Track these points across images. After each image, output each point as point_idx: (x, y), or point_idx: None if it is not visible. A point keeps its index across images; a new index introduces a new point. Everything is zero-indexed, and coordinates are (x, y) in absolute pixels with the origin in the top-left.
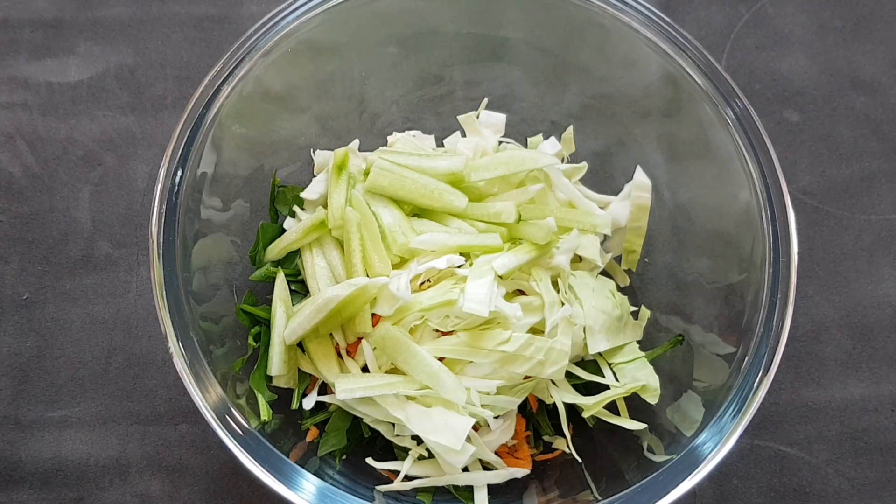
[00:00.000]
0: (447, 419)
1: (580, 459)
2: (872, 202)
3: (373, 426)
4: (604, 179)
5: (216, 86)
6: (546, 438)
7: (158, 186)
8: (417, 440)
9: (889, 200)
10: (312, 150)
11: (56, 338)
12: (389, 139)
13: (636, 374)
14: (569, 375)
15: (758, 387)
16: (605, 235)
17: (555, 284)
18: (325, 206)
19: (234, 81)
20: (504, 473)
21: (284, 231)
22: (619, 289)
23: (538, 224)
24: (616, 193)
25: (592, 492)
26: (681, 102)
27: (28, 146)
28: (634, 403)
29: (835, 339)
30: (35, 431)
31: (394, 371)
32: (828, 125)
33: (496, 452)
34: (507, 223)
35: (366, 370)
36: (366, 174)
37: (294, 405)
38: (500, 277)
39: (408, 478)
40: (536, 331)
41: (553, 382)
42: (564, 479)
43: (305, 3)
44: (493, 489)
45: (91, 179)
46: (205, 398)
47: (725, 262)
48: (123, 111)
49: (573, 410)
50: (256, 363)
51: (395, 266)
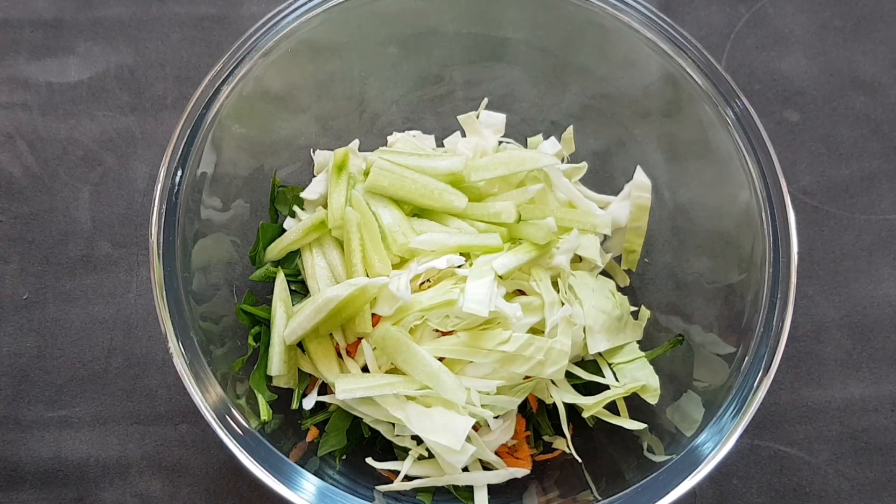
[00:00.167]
0: (447, 419)
1: (580, 459)
2: (872, 202)
3: (373, 426)
4: (604, 179)
5: (216, 86)
6: (546, 438)
7: (158, 186)
8: (417, 440)
9: (889, 200)
10: (312, 150)
11: (56, 338)
12: (389, 139)
13: (636, 374)
14: (569, 375)
15: (758, 387)
16: (605, 235)
17: (555, 284)
18: (325, 206)
19: (234, 81)
20: (504, 473)
21: (284, 231)
22: (619, 289)
23: (538, 224)
24: (616, 193)
25: (592, 492)
26: (681, 102)
27: (28, 146)
28: (634, 403)
29: (835, 339)
30: (35, 431)
31: (394, 371)
32: (828, 125)
33: (496, 452)
34: (507, 223)
35: (366, 370)
36: (366, 174)
37: (294, 405)
38: (500, 277)
39: (408, 478)
40: (536, 331)
41: (553, 382)
42: (564, 479)
43: (305, 3)
44: (493, 489)
45: (91, 179)
46: (205, 398)
47: (725, 262)
48: (123, 111)
49: (573, 410)
50: (256, 363)
51: (395, 266)
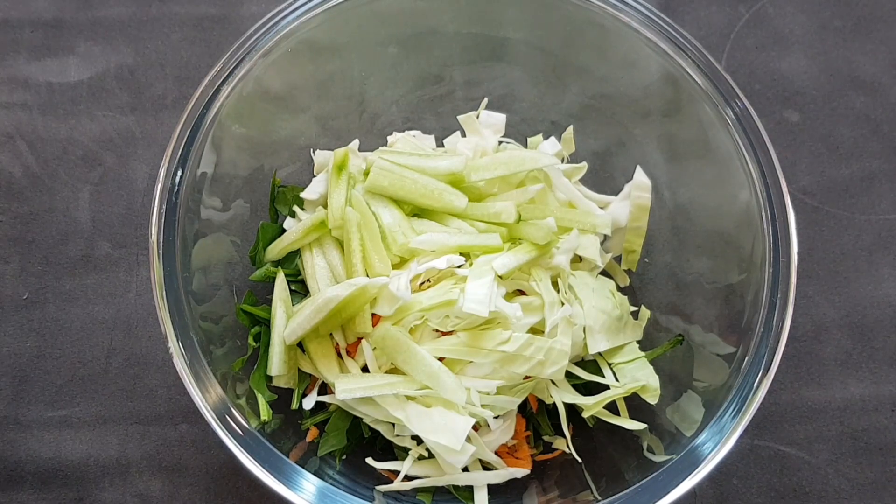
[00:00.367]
0: (447, 419)
1: (580, 459)
2: (872, 202)
3: (373, 426)
4: (604, 179)
5: (216, 86)
6: (546, 438)
7: (158, 186)
8: (417, 440)
9: (889, 200)
10: (312, 150)
11: (56, 338)
12: (389, 139)
13: (636, 374)
14: (569, 375)
15: (758, 387)
16: (605, 235)
17: (555, 284)
18: (325, 206)
19: (234, 81)
20: (504, 473)
21: (284, 231)
22: (619, 289)
23: (538, 224)
24: (616, 193)
25: (592, 492)
26: (681, 102)
27: (28, 146)
28: (634, 403)
29: (835, 339)
30: (35, 431)
31: (394, 371)
32: (828, 125)
33: (496, 452)
34: (507, 223)
35: (366, 370)
36: (366, 174)
37: (294, 405)
38: (500, 277)
39: (408, 478)
40: (536, 331)
41: (553, 382)
42: (564, 479)
43: (305, 3)
44: (493, 489)
45: (91, 179)
46: (205, 398)
47: (725, 262)
48: (123, 111)
49: (573, 410)
50: (256, 363)
51: (395, 266)
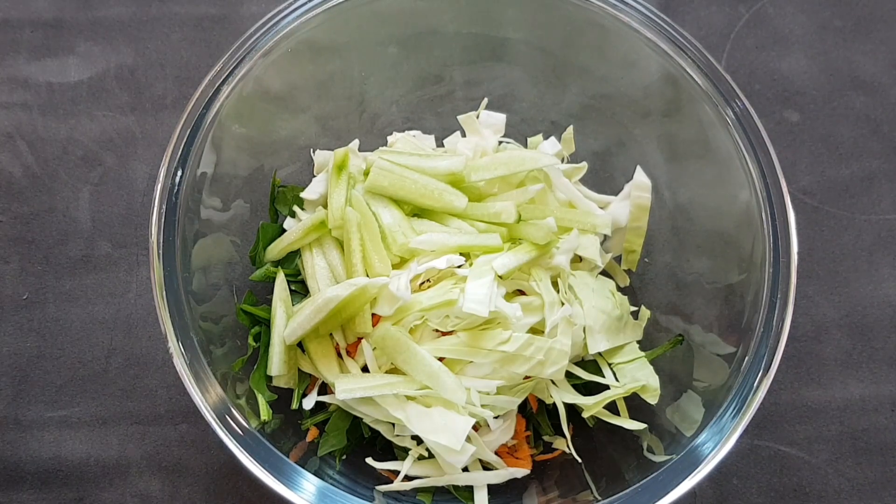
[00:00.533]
0: (447, 419)
1: (580, 459)
2: (872, 202)
3: (373, 426)
4: (604, 179)
5: (216, 86)
6: (546, 438)
7: (158, 186)
8: (417, 440)
9: (889, 200)
10: (312, 150)
11: (56, 338)
12: (389, 139)
13: (636, 374)
14: (569, 375)
15: (758, 387)
16: (605, 235)
17: (555, 284)
18: (325, 206)
19: (234, 81)
20: (504, 473)
21: (284, 231)
22: (619, 289)
23: (538, 224)
24: (616, 193)
25: (592, 492)
26: (681, 102)
27: (28, 146)
28: (634, 403)
29: (835, 339)
30: (35, 431)
31: (394, 371)
32: (828, 125)
33: (496, 452)
34: (507, 223)
35: (366, 370)
36: (366, 174)
37: (294, 405)
38: (500, 277)
39: (408, 478)
40: (536, 331)
41: (553, 382)
42: (564, 479)
43: (305, 3)
44: (493, 489)
45: (91, 179)
46: (205, 398)
47: (725, 262)
48: (123, 111)
49: (573, 410)
50: (256, 363)
51: (395, 266)
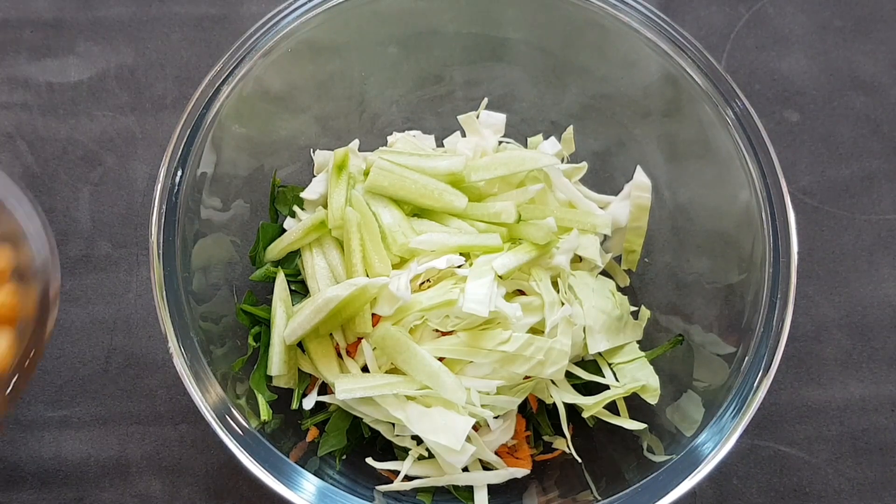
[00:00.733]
0: (447, 419)
1: (580, 459)
2: (872, 202)
3: (373, 426)
4: (604, 179)
5: (216, 86)
6: (546, 438)
7: (158, 186)
8: (417, 440)
9: (889, 200)
10: (312, 150)
11: (56, 338)
12: (389, 139)
13: (636, 374)
14: (569, 375)
15: (758, 387)
16: (605, 235)
17: (555, 284)
18: (325, 206)
19: (234, 81)
20: (504, 473)
21: (284, 231)
22: (619, 289)
23: (538, 224)
24: (616, 193)
25: (592, 492)
26: (681, 102)
27: (28, 146)
28: (634, 403)
29: (835, 339)
30: (35, 431)
31: (394, 371)
32: (828, 125)
33: (496, 452)
34: (507, 223)
35: (366, 370)
36: (366, 174)
37: (294, 405)
38: (500, 277)
39: (408, 478)
40: (536, 331)
41: (553, 382)
42: (564, 479)
43: (305, 3)
44: (493, 489)
45: (91, 179)
46: (205, 398)
47: (725, 262)
48: (123, 111)
49: (573, 410)
50: (256, 363)
51: (395, 266)
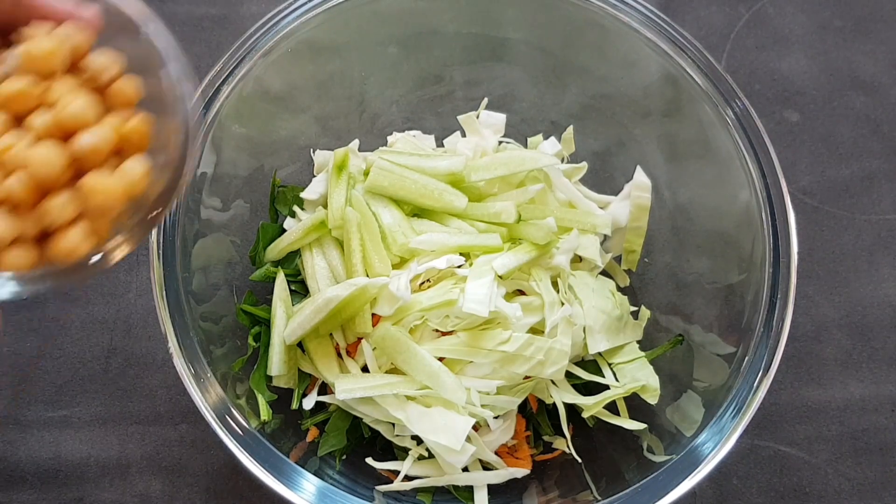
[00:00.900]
0: (447, 419)
1: (580, 459)
2: (872, 202)
3: (373, 426)
4: (604, 179)
5: (216, 86)
6: (546, 438)
7: None
8: (417, 440)
9: (889, 200)
10: (312, 150)
11: (56, 338)
12: (389, 139)
13: (636, 374)
14: (569, 375)
15: (758, 387)
16: (605, 235)
17: (555, 284)
18: (325, 206)
19: (234, 81)
20: (504, 473)
21: (284, 231)
22: (619, 289)
23: (538, 224)
24: (616, 193)
25: (592, 492)
26: (681, 102)
27: None
28: (634, 403)
29: (835, 339)
30: (35, 431)
31: (394, 371)
32: (828, 125)
33: (496, 452)
34: (507, 223)
35: (366, 370)
36: (366, 174)
37: (294, 405)
38: (500, 277)
39: (408, 478)
40: (536, 331)
41: (553, 382)
42: (564, 479)
43: (305, 3)
44: (493, 489)
45: None
46: (205, 398)
47: (725, 262)
48: None
49: (573, 410)
50: (256, 363)
51: (395, 266)
